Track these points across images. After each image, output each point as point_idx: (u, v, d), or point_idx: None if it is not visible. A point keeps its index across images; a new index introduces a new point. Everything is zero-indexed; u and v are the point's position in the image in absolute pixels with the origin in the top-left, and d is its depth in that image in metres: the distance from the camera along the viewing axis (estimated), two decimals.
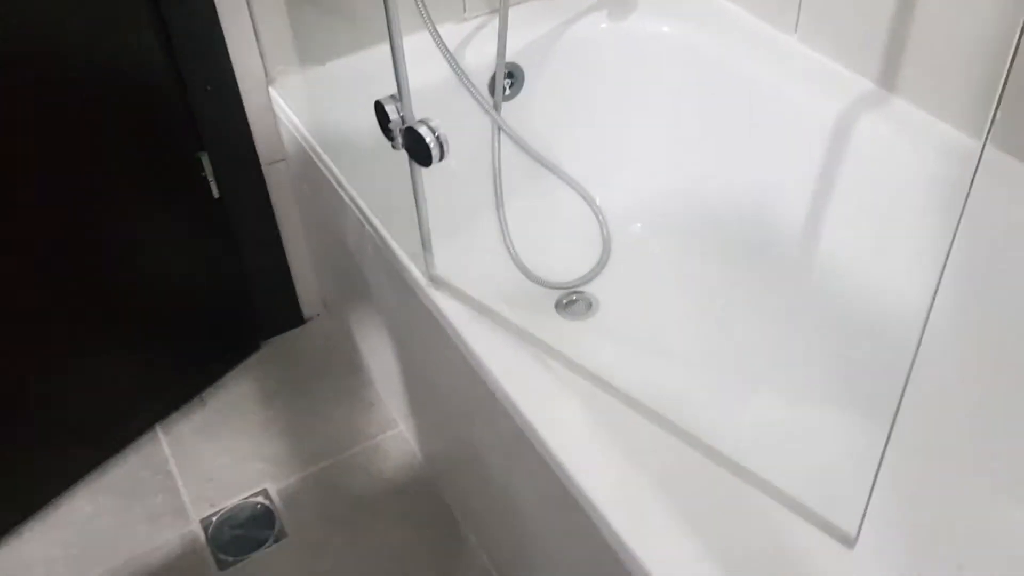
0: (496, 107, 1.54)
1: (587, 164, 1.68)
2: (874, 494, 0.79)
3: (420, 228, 1.07)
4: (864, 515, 0.80)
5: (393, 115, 0.97)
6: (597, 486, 0.90)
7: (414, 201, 1.05)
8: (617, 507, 0.87)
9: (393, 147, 0.99)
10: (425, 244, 1.08)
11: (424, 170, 1.01)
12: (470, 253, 1.51)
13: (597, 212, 1.70)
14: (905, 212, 1.30)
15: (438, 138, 0.94)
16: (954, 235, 0.74)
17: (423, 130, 0.95)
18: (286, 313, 1.80)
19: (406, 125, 0.96)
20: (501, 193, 1.60)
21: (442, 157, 0.96)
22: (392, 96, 0.97)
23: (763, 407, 1.30)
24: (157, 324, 1.57)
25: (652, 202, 1.69)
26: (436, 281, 1.12)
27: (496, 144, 1.57)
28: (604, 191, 1.69)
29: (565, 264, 1.65)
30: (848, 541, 0.80)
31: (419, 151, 0.96)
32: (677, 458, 0.93)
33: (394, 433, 1.61)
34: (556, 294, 1.63)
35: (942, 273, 0.76)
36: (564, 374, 1.01)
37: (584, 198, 1.69)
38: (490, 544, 1.39)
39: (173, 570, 1.42)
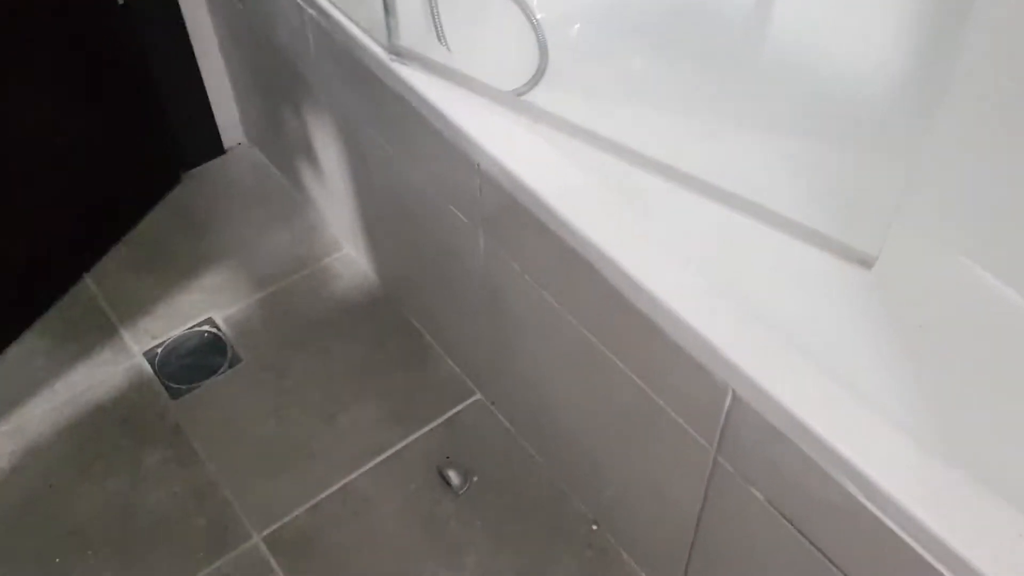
0: None
1: None
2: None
3: None
4: (884, 240, 0.81)
5: None
6: (604, 238, 0.87)
7: None
8: (631, 255, 0.85)
9: None
10: (388, 5, 0.99)
11: None
12: (425, 43, 1.41)
13: (530, 15, 1.62)
14: None
15: None
16: None
17: None
18: (205, 142, 1.67)
19: None
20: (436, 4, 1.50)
21: None
22: None
23: (749, 153, 1.28)
24: (65, 160, 1.41)
25: (589, 2, 1.62)
26: (401, 53, 1.04)
27: None
28: None
29: (503, 74, 1.58)
30: (868, 262, 0.81)
31: None
32: (677, 201, 0.91)
33: (340, 255, 1.54)
34: None
35: None
36: (554, 137, 0.97)
37: (517, 1, 1.61)
38: (456, 350, 1.37)
39: (121, 403, 1.33)
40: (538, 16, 1.61)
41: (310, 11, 1.16)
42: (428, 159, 1.10)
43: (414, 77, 1.03)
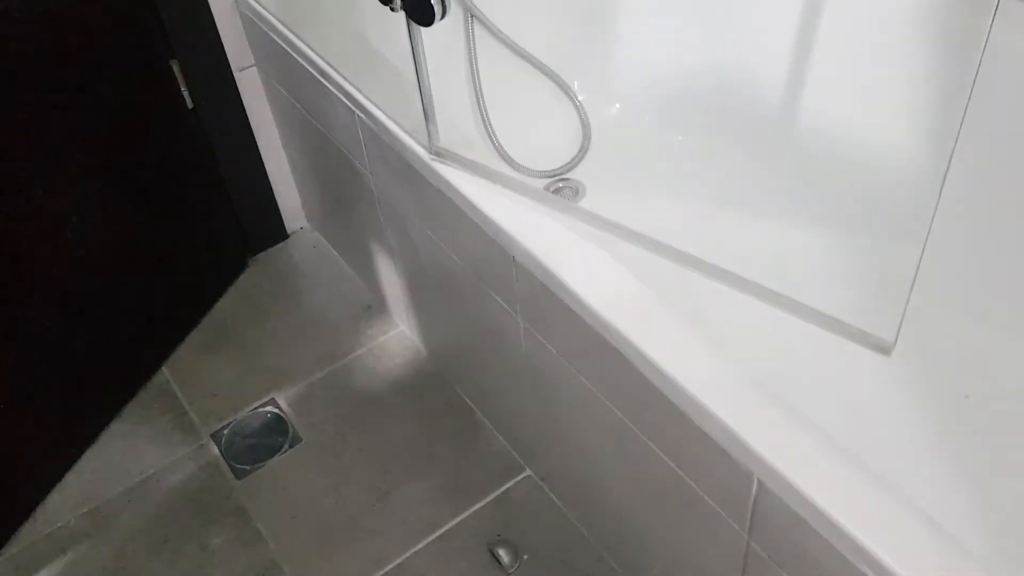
0: None
1: (560, 50, 1.66)
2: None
3: (422, 95, 1.05)
4: (901, 323, 0.82)
5: None
6: (630, 326, 0.91)
7: (414, 68, 1.03)
8: (655, 343, 0.88)
9: (392, 9, 0.96)
10: (427, 113, 1.06)
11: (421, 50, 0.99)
12: (465, 143, 1.49)
13: (574, 97, 1.69)
14: (883, 60, 1.31)
15: None
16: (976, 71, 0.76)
17: None
18: (270, 228, 1.77)
19: None
20: (479, 83, 1.58)
21: (444, 14, 0.94)
22: None
23: (769, 238, 1.32)
24: (141, 256, 1.50)
25: (628, 82, 1.68)
26: (441, 154, 1.11)
27: (471, 31, 1.53)
28: (579, 75, 1.68)
29: (548, 152, 1.64)
30: (887, 349, 0.83)
31: (420, 9, 0.94)
32: (704, 291, 0.94)
33: (395, 333, 1.60)
34: (542, 183, 1.63)
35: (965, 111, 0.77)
36: (581, 228, 1.01)
37: (559, 85, 1.68)
38: (506, 426, 1.41)
39: (191, 483, 1.41)
40: (580, 98, 1.68)
41: (359, 113, 1.24)
42: (469, 248, 1.16)
43: (453, 175, 1.10)
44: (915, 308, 1.20)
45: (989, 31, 0.77)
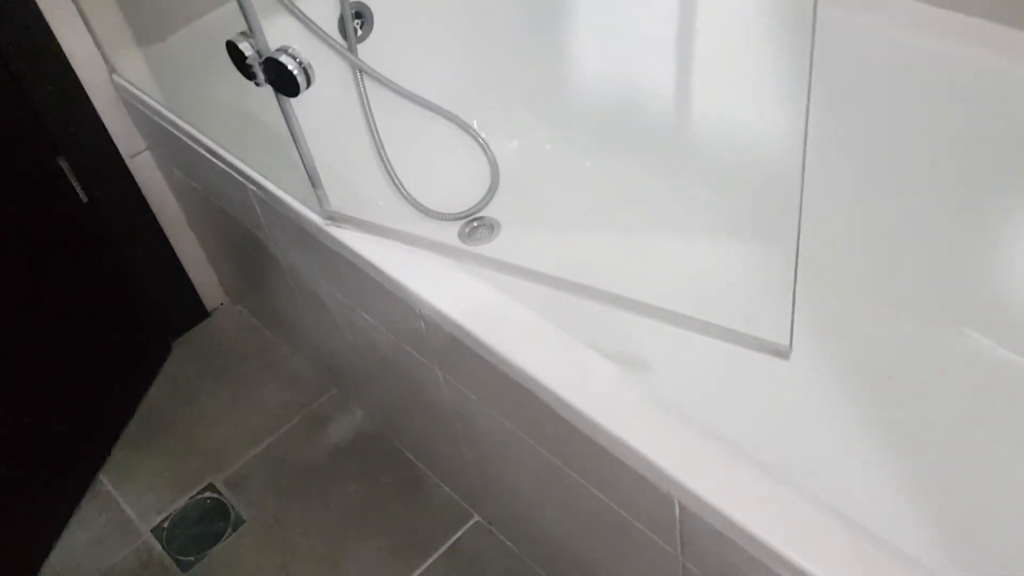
0: (351, 50, 1.51)
1: (455, 92, 1.67)
2: (798, 321, 0.83)
3: (304, 164, 1.04)
4: (792, 326, 0.84)
5: (248, 51, 0.94)
6: (533, 363, 0.91)
7: (292, 140, 1.03)
8: (562, 378, 0.89)
9: (256, 84, 0.96)
10: (313, 179, 1.06)
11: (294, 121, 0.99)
12: (358, 202, 1.50)
13: (476, 135, 1.70)
14: (752, 55, 1.34)
15: (300, 64, 0.92)
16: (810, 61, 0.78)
17: (284, 58, 0.92)
18: (188, 308, 1.74)
19: (264, 57, 0.93)
20: (378, 135, 1.58)
21: (308, 84, 0.94)
22: (243, 33, 0.94)
23: (671, 256, 1.34)
24: (56, 359, 1.46)
25: (522, 116, 1.70)
26: (334, 217, 1.10)
27: (361, 87, 1.54)
28: (478, 114, 1.69)
29: (458, 194, 1.65)
30: (784, 353, 0.84)
31: (284, 81, 0.94)
32: (614, 318, 0.95)
33: (328, 397, 1.58)
34: (456, 225, 1.63)
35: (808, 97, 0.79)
36: (490, 276, 1.01)
37: (460, 126, 1.69)
38: (448, 475, 1.39)
39: None
40: (482, 135, 1.69)
41: (251, 187, 1.24)
42: (378, 307, 1.15)
43: (349, 236, 1.09)
44: (821, 300, 1.22)
45: (815, 14, 0.79)
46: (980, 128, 1.12)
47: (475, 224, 1.62)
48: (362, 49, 1.55)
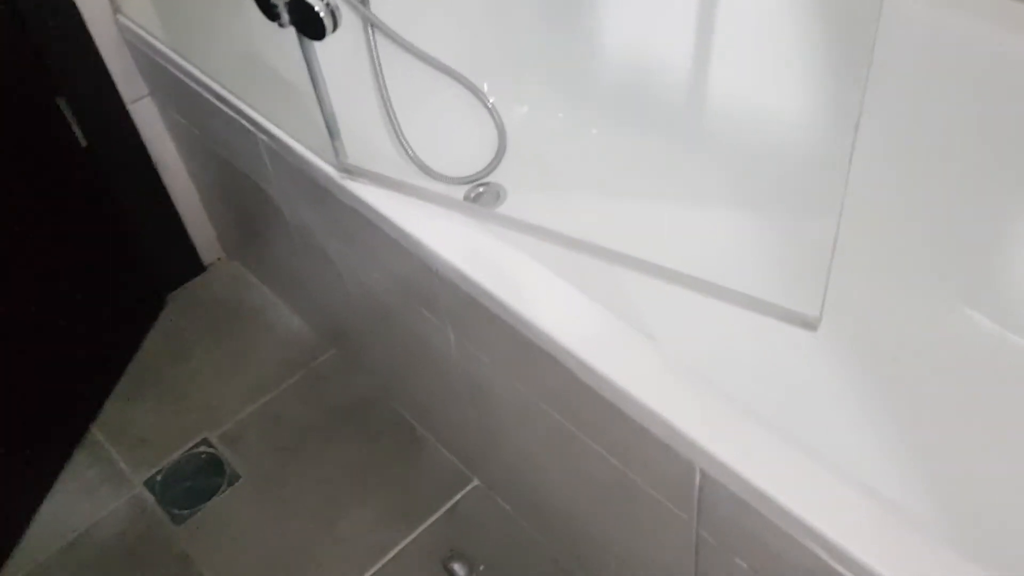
0: (364, 2, 1.48)
1: (466, 54, 1.64)
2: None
3: (323, 112, 1.02)
4: (824, 297, 0.83)
5: None
6: (556, 326, 0.89)
7: (313, 86, 1.00)
8: (585, 342, 0.87)
9: (280, 25, 0.93)
10: (331, 129, 1.03)
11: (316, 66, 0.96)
12: (364, 161, 1.47)
13: (485, 100, 1.67)
14: (784, 38, 1.32)
15: (327, 4, 0.89)
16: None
17: None
18: (185, 262, 1.71)
19: None
20: (388, 94, 1.55)
21: (335, 26, 0.91)
22: None
23: (686, 227, 1.32)
24: (54, 310, 1.42)
25: (534, 83, 1.67)
26: (350, 171, 1.08)
27: (372, 43, 1.50)
28: (488, 78, 1.66)
29: (465, 158, 1.62)
30: (812, 324, 0.83)
31: (309, 23, 0.91)
32: (630, 285, 0.94)
33: (326, 357, 1.56)
34: (462, 189, 1.61)
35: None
36: (504, 234, 1.00)
37: (469, 88, 1.66)
38: (449, 438, 1.38)
39: (128, 535, 1.35)
40: (491, 100, 1.66)
41: (262, 136, 1.20)
42: (390, 265, 1.13)
43: (365, 191, 1.07)
44: (833, 279, 1.21)
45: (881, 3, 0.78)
46: (996, 112, 1.11)
47: (481, 190, 1.60)
48: (375, 3, 1.52)
